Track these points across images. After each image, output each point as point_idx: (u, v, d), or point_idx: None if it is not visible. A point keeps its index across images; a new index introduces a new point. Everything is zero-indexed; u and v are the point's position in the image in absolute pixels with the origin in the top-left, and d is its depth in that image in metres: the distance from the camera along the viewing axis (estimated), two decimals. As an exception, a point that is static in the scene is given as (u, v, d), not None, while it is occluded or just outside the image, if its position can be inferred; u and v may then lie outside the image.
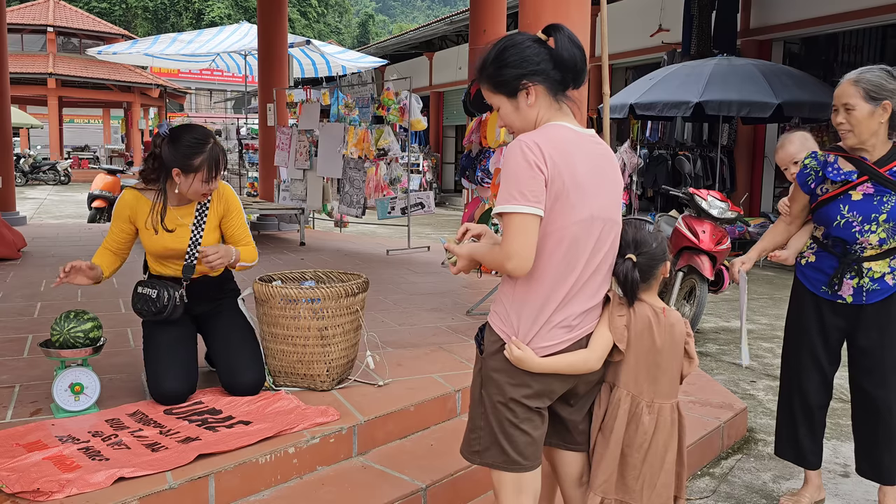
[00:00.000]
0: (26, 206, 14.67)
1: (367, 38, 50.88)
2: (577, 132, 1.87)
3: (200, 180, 2.78)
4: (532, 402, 1.88)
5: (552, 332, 1.85)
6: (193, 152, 2.75)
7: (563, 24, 1.87)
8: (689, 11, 11.50)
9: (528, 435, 1.89)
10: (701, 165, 11.52)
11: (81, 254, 6.78)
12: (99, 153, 30.33)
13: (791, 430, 2.91)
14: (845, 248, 2.63)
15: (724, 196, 5.71)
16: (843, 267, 2.64)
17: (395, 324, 4.25)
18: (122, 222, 2.90)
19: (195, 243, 2.89)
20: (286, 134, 9.27)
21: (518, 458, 1.90)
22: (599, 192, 1.84)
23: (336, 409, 2.74)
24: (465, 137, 5.87)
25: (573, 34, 1.85)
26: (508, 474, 1.92)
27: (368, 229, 12.11)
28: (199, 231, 2.90)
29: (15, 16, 26.21)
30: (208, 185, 2.81)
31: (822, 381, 2.82)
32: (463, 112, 6.17)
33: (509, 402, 1.87)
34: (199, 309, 3.00)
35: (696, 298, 5.21)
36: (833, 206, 2.62)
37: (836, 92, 2.61)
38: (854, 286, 2.63)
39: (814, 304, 2.76)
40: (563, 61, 1.84)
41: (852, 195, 2.59)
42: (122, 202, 2.90)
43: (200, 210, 2.92)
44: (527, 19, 3.75)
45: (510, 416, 1.88)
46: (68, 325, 2.67)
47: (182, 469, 2.24)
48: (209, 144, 2.78)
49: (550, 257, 1.81)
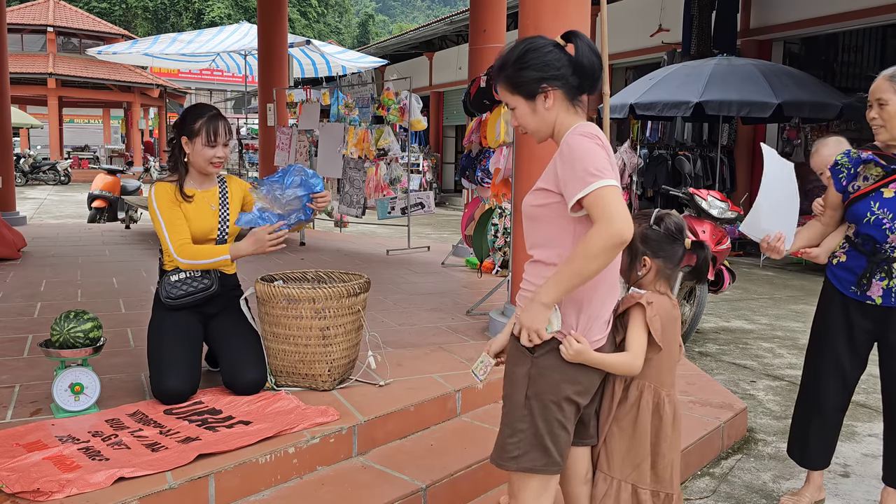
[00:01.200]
0: (26, 206, 14.67)
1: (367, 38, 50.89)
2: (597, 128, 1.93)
3: (202, 143, 2.94)
4: (581, 399, 1.91)
5: (598, 327, 1.90)
6: (193, 117, 2.97)
7: (580, 32, 1.90)
8: (689, 11, 11.50)
9: (569, 434, 1.93)
10: (701, 165, 11.52)
11: (81, 254, 6.79)
12: (99, 153, 30.34)
13: (802, 430, 2.88)
14: (875, 246, 2.58)
15: (724, 196, 5.71)
16: (872, 266, 2.59)
17: (396, 324, 4.25)
18: (175, 207, 2.96)
19: (224, 220, 3.06)
20: (286, 134, 9.26)
21: (559, 458, 1.90)
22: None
23: (336, 409, 2.75)
24: (465, 137, 5.87)
25: (591, 42, 1.89)
26: (536, 476, 1.92)
27: (368, 229, 12.11)
28: (225, 209, 3.07)
29: (15, 16, 26.21)
30: (212, 151, 2.96)
31: (840, 385, 2.76)
32: (463, 112, 6.18)
33: (562, 401, 1.88)
34: (211, 309, 3.02)
35: (696, 298, 5.21)
36: (864, 203, 2.59)
37: (871, 87, 2.57)
38: (884, 287, 2.57)
39: (842, 304, 2.71)
40: (583, 68, 1.87)
41: (884, 192, 2.55)
42: (161, 192, 2.96)
43: (222, 190, 3.10)
44: (527, 19, 3.75)
45: (560, 415, 1.88)
46: (68, 325, 2.68)
47: (182, 469, 2.24)
48: (209, 112, 3.00)
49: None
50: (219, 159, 3.00)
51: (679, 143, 12.12)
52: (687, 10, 11.58)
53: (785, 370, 4.86)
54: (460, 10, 19.35)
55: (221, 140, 2.98)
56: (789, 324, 6.30)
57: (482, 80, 5.01)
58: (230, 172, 12.39)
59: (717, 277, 5.35)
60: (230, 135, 3.05)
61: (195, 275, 2.95)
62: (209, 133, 2.94)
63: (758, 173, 12.26)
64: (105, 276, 5.66)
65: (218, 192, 3.09)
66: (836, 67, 12.60)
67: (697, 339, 5.70)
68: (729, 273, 5.39)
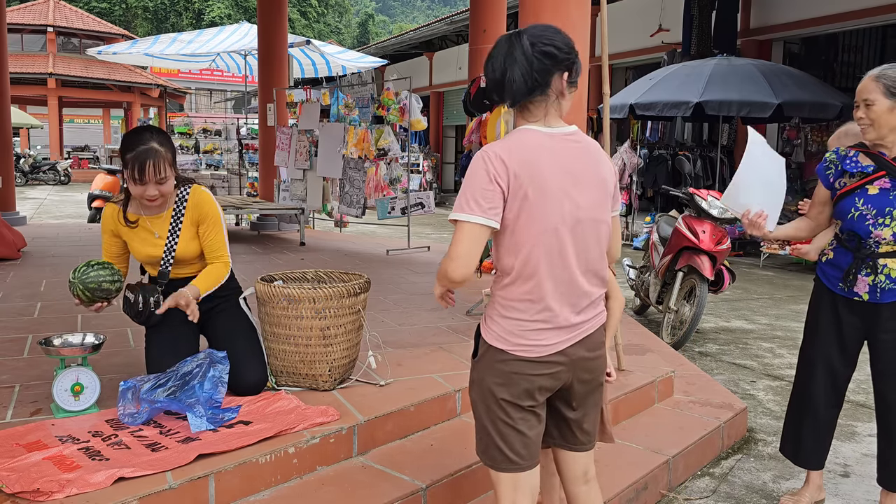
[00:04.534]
0: (26, 206, 14.67)
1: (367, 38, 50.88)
2: (546, 134, 1.86)
3: (129, 178, 2.69)
4: (522, 402, 1.89)
5: (537, 333, 1.87)
6: (125, 146, 2.69)
7: (524, 30, 1.86)
8: (689, 11, 11.51)
9: (523, 435, 1.91)
10: (701, 165, 11.53)
11: (81, 254, 6.78)
12: (99, 153, 30.32)
13: (795, 428, 2.91)
14: (859, 241, 2.63)
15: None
16: (857, 262, 2.63)
17: (396, 324, 4.25)
18: (109, 235, 2.95)
19: (170, 250, 2.90)
20: (286, 134, 9.26)
21: (515, 457, 1.91)
22: (571, 194, 1.84)
23: (336, 409, 2.74)
24: (465, 137, 5.87)
25: (530, 42, 1.82)
26: (505, 473, 1.93)
27: (368, 229, 12.11)
28: (174, 238, 2.90)
29: (15, 16, 26.22)
30: (141, 188, 2.69)
31: (831, 383, 2.79)
32: (463, 112, 6.18)
33: (500, 402, 1.89)
34: (200, 308, 3.00)
35: (696, 298, 5.20)
36: (849, 200, 2.63)
37: (858, 87, 2.62)
38: (870, 283, 2.61)
39: (830, 301, 2.75)
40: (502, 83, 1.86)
41: (869, 189, 2.60)
42: (104, 217, 2.93)
43: (175, 217, 2.90)
44: (526, 19, 3.75)
45: (502, 415, 1.90)
46: (86, 271, 2.71)
47: (182, 469, 2.24)
48: (140, 146, 2.66)
49: (525, 264, 1.83)
50: (150, 198, 2.74)
51: (679, 143, 12.13)
52: (687, 10, 11.58)
53: (785, 370, 4.86)
54: (460, 10, 19.35)
55: (151, 179, 2.67)
56: (789, 324, 6.30)
57: (482, 79, 5.00)
58: (230, 173, 12.40)
59: (717, 277, 5.35)
60: (166, 172, 2.70)
61: (129, 299, 2.85)
62: (133, 172, 2.66)
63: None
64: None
65: (170, 217, 2.87)
66: (836, 67, 12.61)
67: (697, 339, 5.70)
68: (729, 273, 5.39)
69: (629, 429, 3.39)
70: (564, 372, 1.91)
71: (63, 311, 4.36)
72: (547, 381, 1.90)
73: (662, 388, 3.79)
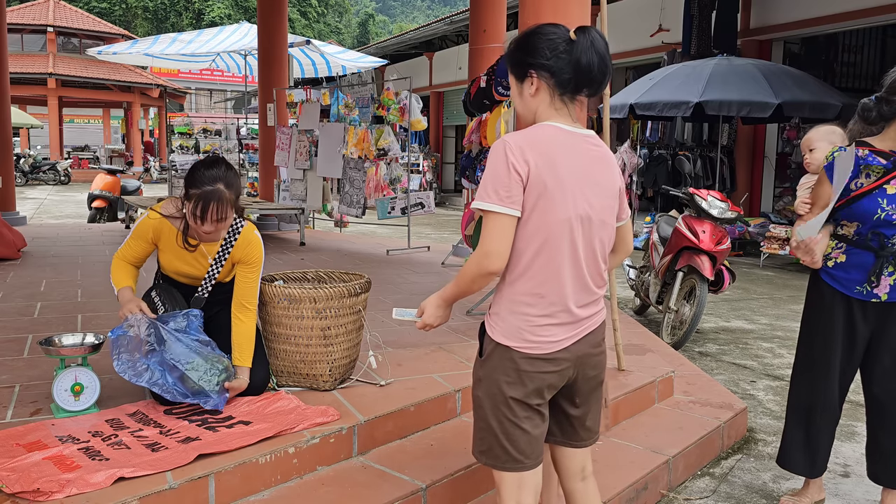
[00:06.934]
0: (26, 206, 14.67)
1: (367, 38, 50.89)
2: (568, 132, 1.87)
3: (190, 213, 2.69)
4: (531, 400, 1.90)
5: (545, 329, 1.88)
6: (192, 180, 2.69)
7: (593, 28, 1.88)
8: (689, 11, 11.50)
9: (528, 433, 1.91)
10: (701, 165, 11.53)
11: (81, 254, 6.78)
12: (99, 153, 30.36)
13: (797, 438, 2.86)
14: (882, 241, 2.58)
15: (724, 196, 5.71)
16: (880, 261, 2.59)
17: (396, 324, 4.25)
18: (145, 242, 2.92)
19: (211, 277, 2.93)
20: (286, 134, 9.27)
21: (520, 456, 1.91)
22: (585, 193, 1.86)
23: (336, 409, 2.74)
24: (465, 137, 5.87)
25: (600, 40, 1.83)
26: (509, 473, 1.94)
27: (368, 229, 12.12)
28: (218, 265, 2.92)
29: (15, 16, 26.22)
30: (200, 226, 2.70)
31: (836, 388, 2.76)
32: (463, 112, 6.18)
33: (509, 401, 1.90)
34: (211, 310, 3.01)
35: (696, 298, 5.20)
36: (870, 200, 2.57)
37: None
38: (892, 283, 2.59)
39: (844, 306, 2.69)
40: (579, 65, 1.83)
41: (887, 189, 2.56)
42: (146, 225, 2.88)
43: (224, 248, 2.91)
44: (527, 19, 3.75)
45: (510, 414, 1.90)
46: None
47: (182, 469, 2.24)
48: (210, 185, 2.65)
49: (536, 256, 1.84)
50: (207, 233, 2.77)
51: (679, 143, 12.13)
52: (687, 10, 11.58)
53: (785, 370, 4.86)
54: (460, 10, 19.35)
55: (211, 218, 2.67)
56: (789, 324, 6.30)
57: (482, 79, 5.00)
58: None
59: (717, 277, 5.35)
60: (227, 213, 2.71)
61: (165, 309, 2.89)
62: (195, 209, 2.65)
63: (758, 173, 12.28)
64: (105, 276, 5.59)
65: (219, 246, 2.90)
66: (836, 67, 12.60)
67: (697, 339, 5.70)
68: (729, 273, 5.39)
69: (629, 429, 3.39)
70: (570, 369, 1.93)
71: (63, 311, 4.36)
72: (555, 378, 1.92)
73: (662, 388, 3.79)
